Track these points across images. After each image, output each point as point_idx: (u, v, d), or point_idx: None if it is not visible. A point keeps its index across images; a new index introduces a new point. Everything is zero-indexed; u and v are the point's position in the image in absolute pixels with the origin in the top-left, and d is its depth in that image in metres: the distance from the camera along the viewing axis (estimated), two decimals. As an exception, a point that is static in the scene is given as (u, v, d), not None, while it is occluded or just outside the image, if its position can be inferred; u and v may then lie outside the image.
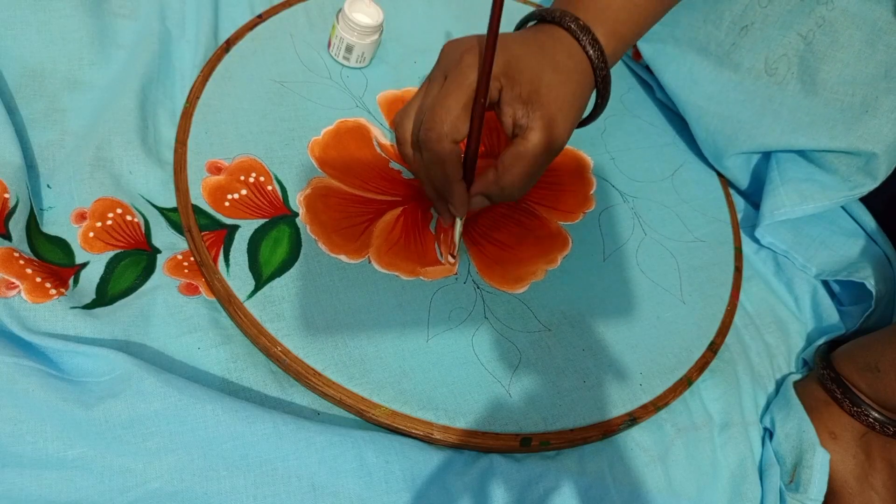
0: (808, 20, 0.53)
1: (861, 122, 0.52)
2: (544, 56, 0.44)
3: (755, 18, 0.55)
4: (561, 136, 0.44)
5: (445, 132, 0.42)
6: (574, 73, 0.45)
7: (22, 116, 0.49)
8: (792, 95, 0.54)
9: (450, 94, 0.42)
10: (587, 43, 0.45)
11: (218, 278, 0.44)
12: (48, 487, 0.36)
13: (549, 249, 0.53)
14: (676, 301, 0.53)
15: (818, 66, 0.53)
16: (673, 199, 0.60)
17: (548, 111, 0.43)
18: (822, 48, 0.53)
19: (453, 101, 0.42)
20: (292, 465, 0.39)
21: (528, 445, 0.43)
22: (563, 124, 0.44)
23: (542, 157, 0.44)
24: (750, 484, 0.49)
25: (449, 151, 0.43)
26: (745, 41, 0.56)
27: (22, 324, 0.40)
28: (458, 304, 0.48)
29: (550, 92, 0.43)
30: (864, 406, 0.48)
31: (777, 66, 0.54)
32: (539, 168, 0.45)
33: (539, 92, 0.43)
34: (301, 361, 0.42)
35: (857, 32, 0.51)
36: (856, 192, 0.55)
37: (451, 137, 0.43)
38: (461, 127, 0.43)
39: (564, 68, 0.44)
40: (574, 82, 0.45)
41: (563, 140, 0.45)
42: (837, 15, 0.52)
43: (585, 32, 0.45)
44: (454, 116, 0.42)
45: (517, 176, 0.44)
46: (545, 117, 0.43)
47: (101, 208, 0.46)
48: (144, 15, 0.54)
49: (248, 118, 0.52)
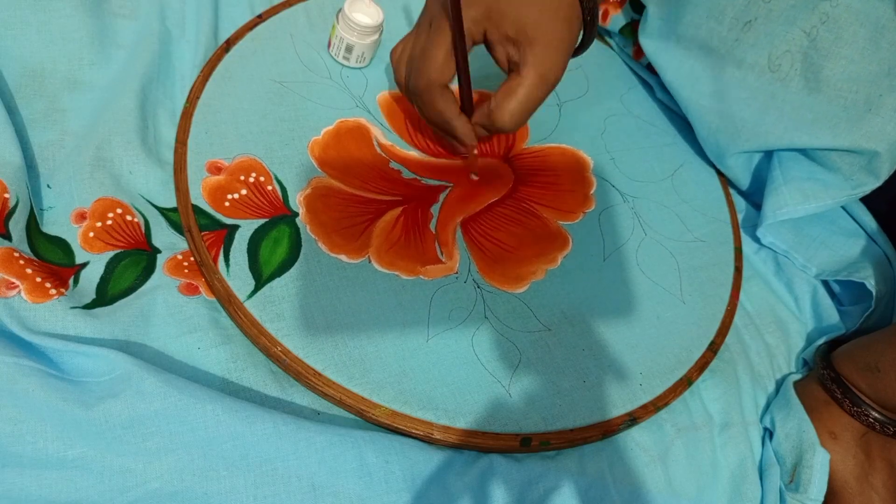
0: (811, 16, 0.53)
1: (864, 120, 0.52)
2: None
3: (758, 14, 0.55)
4: (553, 70, 0.46)
5: (433, 79, 0.46)
6: (560, 9, 0.46)
7: (22, 116, 0.49)
8: (795, 92, 0.54)
9: (432, 41, 0.45)
10: None
11: (218, 278, 0.44)
12: (48, 487, 0.36)
13: (550, 249, 0.53)
14: (676, 301, 0.53)
15: (822, 63, 0.53)
16: (673, 199, 0.60)
17: (537, 47, 0.45)
18: (826, 45, 0.52)
19: (436, 48, 0.45)
20: (292, 465, 0.39)
21: (528, 445, 0.43)
22: (553, 57, 0.46)
23: (535, 92, 0.46)
24: (750, 484, 0.49)
25: (439, 95, 0.46)
26: (748, 37, 0.55)
27: (22, 324, 0.40)
28: (458, 304, 0.48)
29: (538, 28, 0.45)
30: (864, 406, 0.48)
31: (780, 62, 0.54)
32: (533, 104, 0.47)
33: (526, 30, 0.45)
34: (301, 361, 0.42)
35: (861, 29, 0.51)
36: (858, 191, 0.55)
37: (439, 82, 0.46)
38: (447, 71, 0.46)
39: (550, 5, 0.46)
40: (561, 18, 0.46)
41: (556, 74, 0.47)
42: (841, 11, 0.51)
43: None
44: (439, 63, 0.45)
45: (512, 108, 0.46)
46: (536, 53, 0.45)
47: (101, 208, 0.46)
48: (144, 15, 0.54)
49: (248, 118, 0.52)
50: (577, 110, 0.63)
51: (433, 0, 0.46)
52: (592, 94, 0.65)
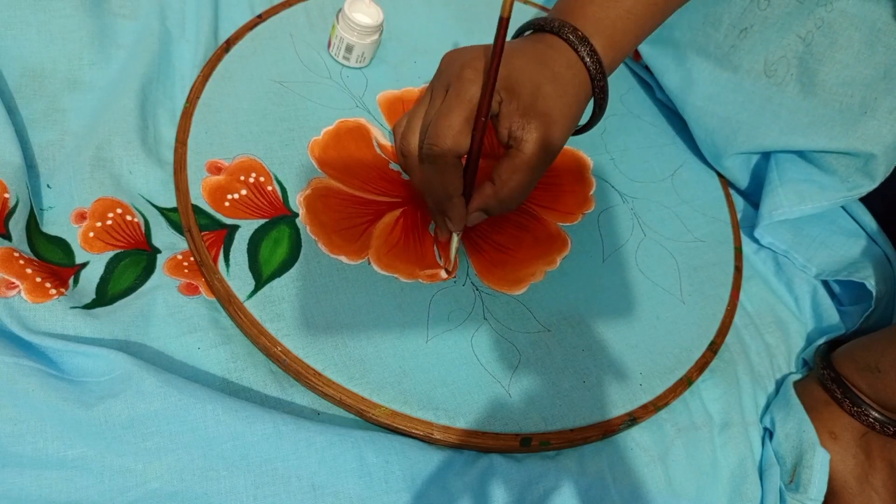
0: (807, 22, 0.53)
1: (860, 123, 0.52)
2: (544, 68, 0.45)
3: (754, 21, 0.55)
4: (555, 146, 0.45)
5: (448, 147, 0.43)
6: (571, 85, 0.45)
7: (22, 116, 0.49)
8: (791, 96, 0.54)
9: (452, 108, 0.42)
10: (585, 54, 0.45)
11: (218, 278, 0.44)
12: (48, 487, 0.36)
13: (549, 251, 0.53)
14: (676, 301, 0.53)
15: (817, 68, 0.53)
16: (673, 199, 0.60)
17: (543, 122, 0.43)
18: (821, 49, 0.53)
19: (455, 116, 0.42)
20: (292, 465, 0.39)
21: (528, 445, 0.43)
22: (557, 134, 0.45)
23: (538, 167, 0.44)
24: (750, 484, 0.49)
25: (452, 166, 0.44)
26: (745, 43, 0.56)
27: (22, 324, 0.40)
28: (457, 306, 0.48)
29: (547, 103, 0.44)
30: (864, 406, 0.48)
31: (776, 67, 0.54)
32: (535, 178, 0.45)
33: (536, 104, 0.43)
34: (301, 361, 0.42)
35: (856, 34, 0.51)
36: (854, 192, 0.55)
37: (454, 152, 0.43)
38: (463, 142, 0.43)
39: (562, 80, 0.45)
40: (571, 94, 0.45)
41: (557, 150, 0.45)
42: (836, 16, 0.52)
43: (584, 43, 0.45)
44: (456, 132, 0.42)
45: (514, 188, 0.45)
46: (541, 128, 0.43)
47: (101, 208, 0.46)
48: (144, 15, 0.54)
49: (248, 118, 0.52)
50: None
51: (449, 66, 0.44)
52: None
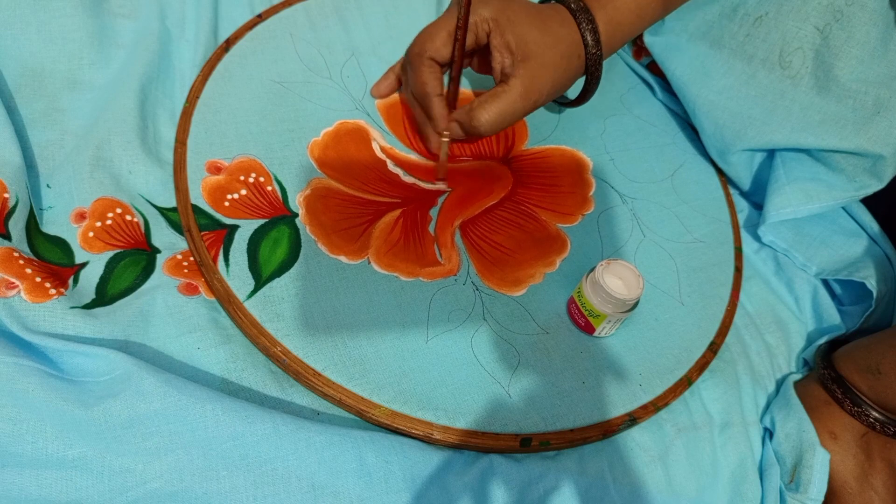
0: (825, 13, 0.53)
1: (871, 123, 0.52)
2: (538, 18, 0.49)
3: (769, 8, 0.55)
4: (539, 89, 0.48)
5: (426, 48, 0.49)
6: (563, 43, 0.49)
7: (22, 116, 0.49)
8: (804, 92, 0.54)
9: (440, 20, 0.49)
10: (583, 21, 0.49)
11: (217, 278, 0.44)
12: (48, 487, 0.36)
13: (548, 252, 0.53)
14: (675, 303, 0.53)
15: (833, 62, 0.52)
16: (672, 199, 0.60)
17: (531, 65, 0.47)
18: (839, 43, 0.52)
19: (441, 25, 0.49)
20: (292, 465, 0.39)
21: (527, 445, 0.43)
22: (542, 78, 0.48)
23: (517, 104, 0.48)
24: (750, 484, 0.49)
25: (428, 67, 0.49)
26: (759, 31, 0.55)
27: (22, 324, 0.40)
28: (457, 306, 0.48)
29: (538, 49, 0.48)
30: (864, 406, 0.48)
31: (791, 59, 0.54)
32: (511, 114, 0.49)
33: (527, 46, 0.47)
34: (301, 361, 0.42)
35: (873, 29, 0.51)
36: (861, 192, 0.55)
37: (430, 54, 0.49)
38: (442, 49, 0.49)
39: (556, 34, 0.48)
40: (562, 50, 0.48)
41: (540, 93, 0.49)
42: (856, 10, 0.51)
43: (584, 13, 0.49)
44: (437, 39, 0.49)
45: (488, 113, 0.48)
46: (528, 70, 0.48)
47: (101, 208, 0.46)
48: (144, 15, 0.54)
49: (247, 118, 0.52)
50: (577, 110, 0.63)
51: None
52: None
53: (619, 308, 0.46)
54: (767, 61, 0.55)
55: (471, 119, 0.49)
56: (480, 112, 0.48)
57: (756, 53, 0.56)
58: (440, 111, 0.50)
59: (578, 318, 0.48)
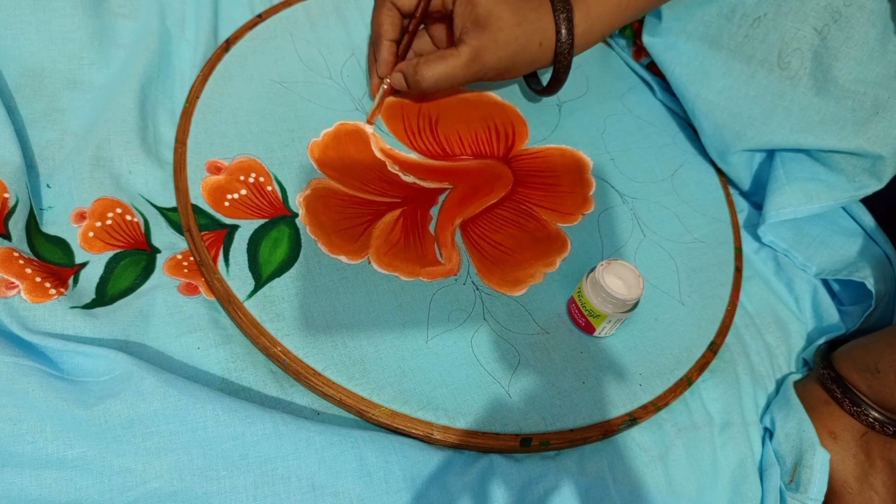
0: (823, 14, 0.53)
1: (871, 123, 0.52)
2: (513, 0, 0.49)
3: (768, 9, 0.55)
4: (487, 59, 0.49)
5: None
6: (528, 25, 0.49)
7: (22, 116, 0.49)
8: (803, 92, 0.54)
9: None
10: (560, 9, 0.50)
11: (217, 278, 0.44)
12: (48, 487, 0.36)
13: (548, 252, 0.53)
14: (675, 303, 0.53)
15: (831, 63, 0.53)
16: (672, 199, 0.60)
17: (484, 38, 0.48)
18: (837, 44, 0.52)
19: None
20: (292, 465, 0.39)
21: (527, 445, 0.43)
22: (494, 50, 0.49)
23: (460, 70, 0.49)
24: (750, 484, 0.49)
25: (386, 9, 0.50)
26: (758, 32, 0.56)
27: (22, 324, 0.40)
28: (457, 306, 0.48)
29: (497, 23, 0.48)
30: (864, 406, 0.48)
31: (790, 59, 0.54)
32: (452, 77, 0.50)
33: (488, 18, 0.48)
34: (301, 361, 0.42)
35: (871, 30, 0.51)
36: (861, 192, 0.55)
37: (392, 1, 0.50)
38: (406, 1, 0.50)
39: (523, 16, 0.49)
40: (521, 33, 0.49)
41: (488, 63, 0.49)
42: (855, 10, 0.51)
43: (563, 1, 0.50)
44: None
45: (432, 70, 0.49)
46: (480, 40, 0.48)
47: (101, 208, 0.46)
48: (144, 15, 0.54)
49: (247, 118, 0.52)
50: (577, 110, 0.63)
51: None
52: (592, 94, 0.65)
53: (619, 308, 0.46)
54: (766, 62, 0.56)
55: (415, 73, 0.50)
56: (425, 69, 0.49)
57: (755, 54, 0.56)
58: (387, 56, 0.52)
59: (578, 317, 0.48)
